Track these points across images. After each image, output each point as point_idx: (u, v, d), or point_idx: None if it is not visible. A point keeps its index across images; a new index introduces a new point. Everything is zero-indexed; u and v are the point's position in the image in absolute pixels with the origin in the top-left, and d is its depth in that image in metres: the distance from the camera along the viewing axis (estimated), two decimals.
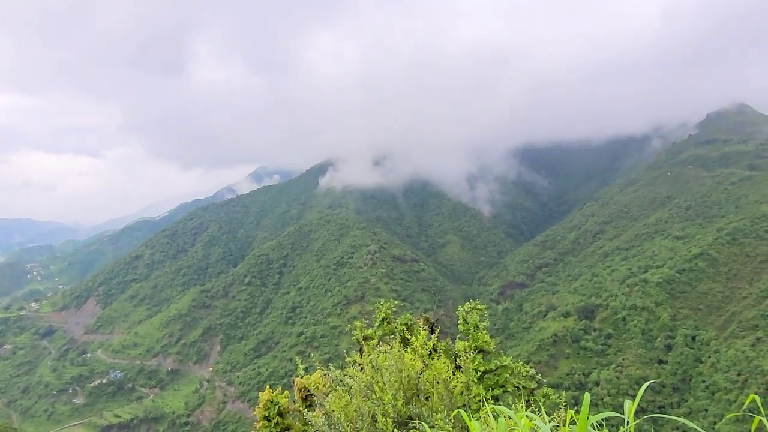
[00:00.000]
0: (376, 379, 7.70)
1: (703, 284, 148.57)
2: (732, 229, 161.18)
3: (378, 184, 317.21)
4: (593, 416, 2.89)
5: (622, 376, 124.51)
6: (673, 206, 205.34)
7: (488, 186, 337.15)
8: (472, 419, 3.07)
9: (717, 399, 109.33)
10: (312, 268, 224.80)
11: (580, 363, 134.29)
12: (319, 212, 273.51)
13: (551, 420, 7.06)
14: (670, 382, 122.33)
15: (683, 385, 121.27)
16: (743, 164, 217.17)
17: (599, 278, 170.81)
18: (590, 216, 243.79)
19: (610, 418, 2.85)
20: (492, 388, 13.00)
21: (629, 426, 2.83)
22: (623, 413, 2.92)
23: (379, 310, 14.90)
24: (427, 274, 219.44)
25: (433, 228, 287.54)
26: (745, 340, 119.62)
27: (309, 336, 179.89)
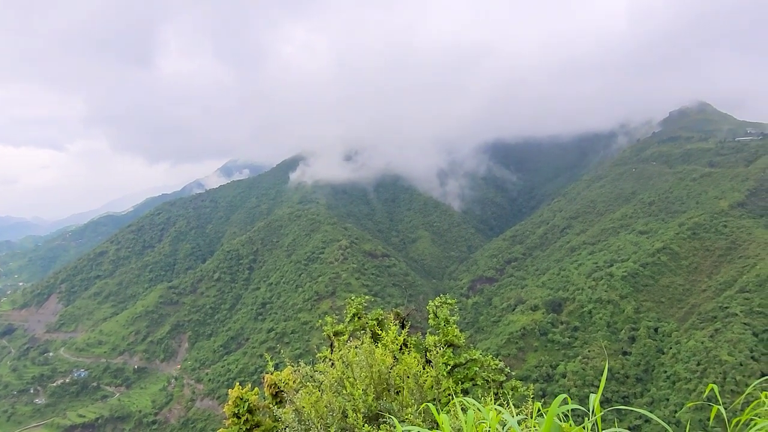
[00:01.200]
0: (346, 374, 7.69)
1: (665, 278, 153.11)
2: (693, 224, 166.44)
3: (349, 179, 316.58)
4: (559, 408, 2.92)
5: (588, 368, 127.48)
6: (637, 202, 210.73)
7: (459, 181, 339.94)
8: (441, 413, 3.18)
9: (678, 388, 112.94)
10: (282, 263, 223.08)
11: (548, 355, 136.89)
12: (289, 207, 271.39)
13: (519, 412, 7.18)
14: (634, 372, 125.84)
15: (646, 375, 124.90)
16: (704, 161, 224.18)
17: (566, 272, 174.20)
18: (558, 211, 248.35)
19: (575, 410, 3.07)
20: (462, 382, 13.12)
21: (595, 417, 2.88)
22: (589, 404, 3.00)
23: (350, 306, 14.87)
24: (398, 269, 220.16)
25: (404, 223, 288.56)
26: (704, 331, 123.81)
27: (279, 332, 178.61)
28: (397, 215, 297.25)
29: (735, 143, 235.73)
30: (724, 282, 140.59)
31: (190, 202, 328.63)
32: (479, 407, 2.99)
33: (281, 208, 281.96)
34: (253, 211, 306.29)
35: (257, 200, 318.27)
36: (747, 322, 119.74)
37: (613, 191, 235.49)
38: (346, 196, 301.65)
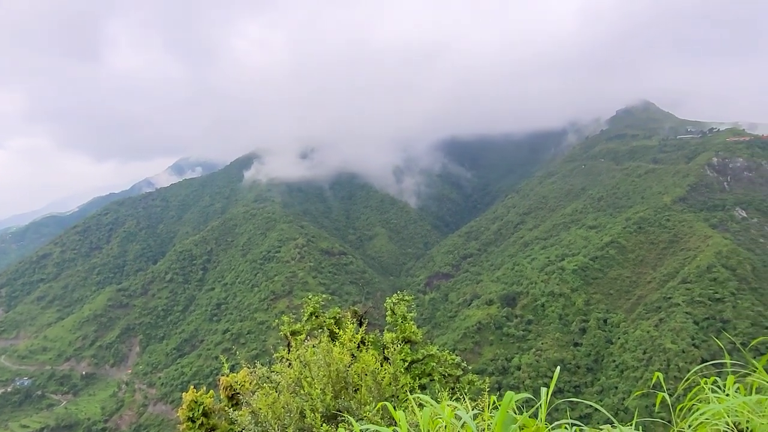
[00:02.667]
0: (304, 374, 7.62)
1: (613, 270, 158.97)
2: (638, 219, 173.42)
3: (305, 177, 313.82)
4: (512, 399, 2.98)
5: (542, 360, 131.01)
6: (587, 197, 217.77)
7: (414, 178, 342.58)
8: (399, 410, 3.23)
9: (626, 377, 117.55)
10: (238, 263, 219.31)
11: (503, 349, 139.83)
12: (244, 206, 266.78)
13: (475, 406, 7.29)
14: (585, 363, 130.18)
15: (596, 365, 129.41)
16: (648, 158, 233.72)
17: (520, 267, 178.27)
18: (512, 207, 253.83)
19: (530, 401, 3.14)
20: (419, 377, 13.23)
21: (542, 409, 2.98)
22: (541, 396, 3.08)
23: (307, 305, 14.76)
24: (355, 266, 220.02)
25: (361, 221, 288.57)
26: (650, 321, 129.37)
27: (235, 333, 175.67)
28: (354, 213, 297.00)
29: (676, 141, 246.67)
30: (668, 273, 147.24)
31: (140, 201, 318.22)
32: (434, 404, 3.05)
33: (236, 206, 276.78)
34: (206, 210, 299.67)
35: (210, 199, 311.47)
36: (688, 311, 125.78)
37: (564, 187, 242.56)
38: (302, 194, 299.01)
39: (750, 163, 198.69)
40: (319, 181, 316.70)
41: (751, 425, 2.97)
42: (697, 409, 3.31)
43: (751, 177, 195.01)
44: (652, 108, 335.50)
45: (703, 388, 3.51)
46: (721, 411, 3.08)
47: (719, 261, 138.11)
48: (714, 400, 3.23)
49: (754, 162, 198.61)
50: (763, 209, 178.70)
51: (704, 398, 3.47)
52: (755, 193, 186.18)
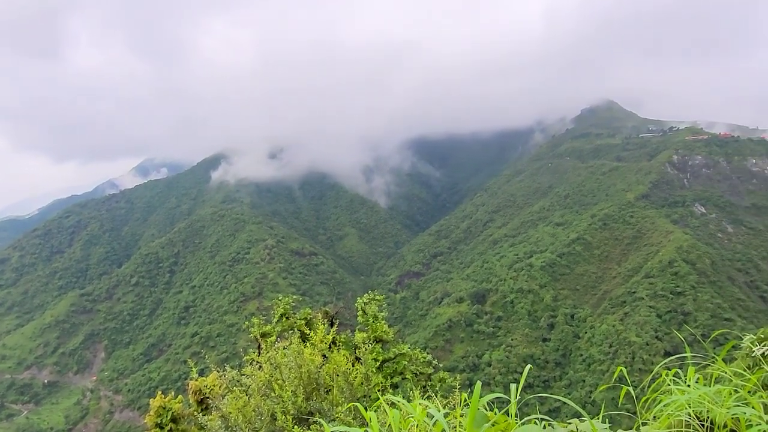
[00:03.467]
0: (275, 376, 7.54)
1: (580, 266, 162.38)
2: (603, 215, 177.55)
3: (274, 177, 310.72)
4: (483, 398, 3.05)
5: (512, 356, 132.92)
6: (553, 195, 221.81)
7: (384, 178, 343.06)
8: (370, 410, 3.25)
9: (592, 370, 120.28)
10: (206, 265, 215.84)
11: (474, 346, 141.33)
12: (212, 207, 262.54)
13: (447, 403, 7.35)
14: (553, 357, 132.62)
15: (564, 359, 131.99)
16: (612, 156, 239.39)
17: (489, 264, 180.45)
18: (480, 206, 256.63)
19: (501, 397, 3.20)
20: (391, 376, 13.27)
21: (512, 404, 3.03)
22: (511, 391, 3.14)
23: (277, 306, 14.63)
24: (326, 267, 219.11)
25: (331, 221, 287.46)
26: (615, 315, 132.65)
27: (204, 336, 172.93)
28: (324, 213, 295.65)
29: (639, 139, 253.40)
30: (632, 268, 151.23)
31: (103, 203, 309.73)
32: (405, 403, 3.09)
33: (203, 208, 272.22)
34: (172, 211, 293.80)
35: (177, 200, 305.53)
36: (652, 305, 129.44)
37: (531, 185, 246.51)
38: (271, 194, 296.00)
39: (708, 160, 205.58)
40: (289, 181, 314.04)
41: (711, 414, 3.12)
42: (660, 401, 3.44)
43: (709, 174, 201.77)
44: (615, 107, 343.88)
45: (665, 381, 3.60)
46: (683, 402, 3.22)
47: (680, 256, 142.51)
48: (676, 392, 3.37)
49: (711, 159, 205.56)
50: (720, 205, 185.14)
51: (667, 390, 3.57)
52: (713, 190, 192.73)
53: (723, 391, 3.25)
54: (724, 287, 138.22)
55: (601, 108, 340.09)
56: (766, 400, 3.41)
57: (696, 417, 3.26)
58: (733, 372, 3.67)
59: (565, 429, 3.41)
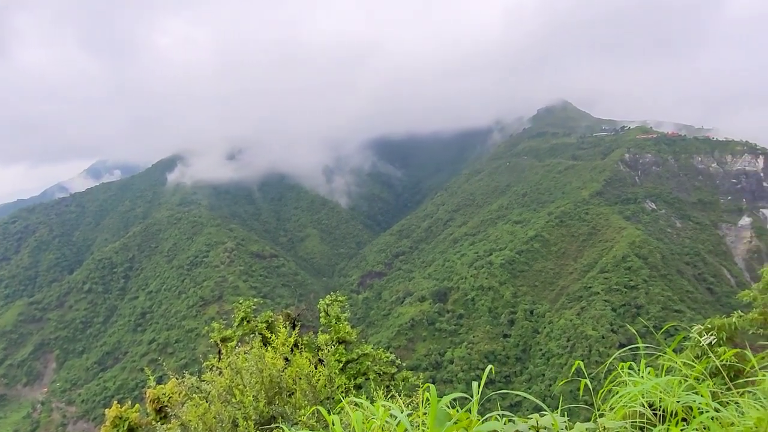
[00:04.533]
0: (235, 382, 7.41)
1: (538, 263, 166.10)
2: (560, 213, 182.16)
3: (232, 178, 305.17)
4: (445, 397, 3.11)
5: (473, 353, 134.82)
6: (512, 194, 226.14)
7: (345, 178, 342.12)
8: (334, 412, 3.26)
9: (552, 364, 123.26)
10: (163, 269, 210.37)
11: (436, 344, 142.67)
12: (168, 210, 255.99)
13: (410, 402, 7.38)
14: (514, 353, 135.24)
15: (524, 354, 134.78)
16: (567, 155, 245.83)
17: (450, 263, 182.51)
18: (441, 205, 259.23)
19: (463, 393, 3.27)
20: (355, 377, 13.27)
21: (473, 402, 3.11)
22: (473, 388, 3.22)
23: (238, 310, 14.44)
24: (287, 269, 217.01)
25: (291, 222, 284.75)
26: (572, 310, 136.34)
27: (162, 342, 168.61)
28: (285, 214, 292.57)
29: (593, 138, 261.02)
30: (587, 264, 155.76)
31: (53, 207, 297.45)
32: (367, 404, 3.11)
33: (159, 211, 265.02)
34: (126, 215, 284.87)
35: (131, 203, 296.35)
36: (607, 299, 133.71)
37: (490, 184, 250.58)
38: (229, 196, 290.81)
39: (657, 158, 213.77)
40: (248, 182, 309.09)
41: (663, 404, 3.30)
42: (615, 393, 3.58)
43: (658, 171, 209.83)
44: (570, 107, 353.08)
45: (620, 373, 3.76)
46: (637, 393, 3.38)
47: (633, 251, 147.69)
48: (630, 384, 3.53)
49: (661, 158, 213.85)
50: (669, 201, 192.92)
51: (622, 382, 3.69)
52: (663, 187, 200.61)
53: (673, 381, 3.40)
54: (673, 280, 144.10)
55: (556, 108, 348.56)
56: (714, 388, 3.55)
57: (649, 406, 3.39)
58: (683, 362, 3.81)
59: (526, 424, 3.47)
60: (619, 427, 3.46)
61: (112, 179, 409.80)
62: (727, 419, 2.98)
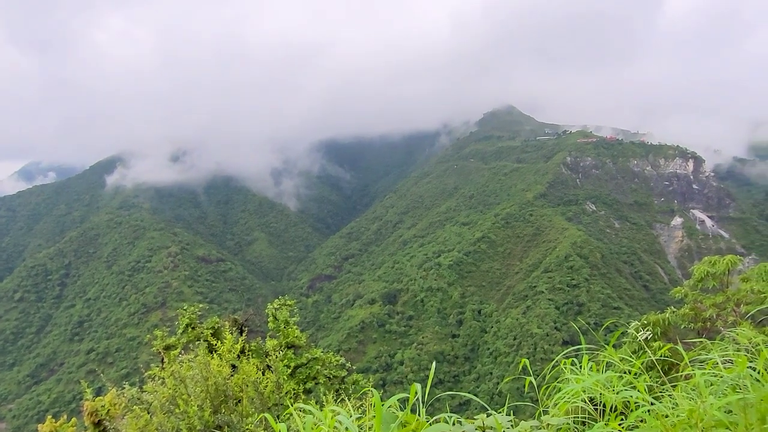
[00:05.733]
0: (179, 391, 7.16)
1: (485, 264, 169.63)
2: (506, 215, 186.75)
3: (176, 181, 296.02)
4: (391, 399, 3.14)
5: (423, 353, 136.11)
6: (459, 196, 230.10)
7: (294, 181, 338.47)
8: (283, 419, 3.28)
9: (499, 362, 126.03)
10: (102, 276, 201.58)
11: (387, 345, 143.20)
12: (107, 214, 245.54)
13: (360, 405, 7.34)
14: (462, 352, 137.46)
15: (473, 354, 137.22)
16: (512, 158, 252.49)
17: (400, 265, 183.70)
18: (390, 207, 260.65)
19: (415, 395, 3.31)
20: (305, 382, 13.13)
21: (420, 404, 3.15)
22: (419, 390, 3.25)
23: (182, 316, 14.01)
24: (234, 273, 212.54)
25: (239, 225, 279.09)
26: (518, 309, 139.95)
27: (101, 352, 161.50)
28: (231, 217, 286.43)
29: (536, 142, 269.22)
30: (532, 264, 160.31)
31: None
32: (314, 410, 3.12)
33: (98, 215, 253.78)
34: (62, 219, 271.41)
35: (67, 207, 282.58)
36: (551, 297, 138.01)
37: (438, 186, 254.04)
38: (173, 199, 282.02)
39: (597, 161, 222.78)
40: (192, 185, 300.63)
41: (603, 399, 3.43)
42: (559, 390, 3.67)
43: (598, 174, 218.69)
44: (514, 111, 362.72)
45: (563, 370, 3.90)
46: (579, 390, 3.48)
47: (574, 250, 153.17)
48: (573, 381, 3.65)
49: (600, 161, 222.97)
50: (608, 203, 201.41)
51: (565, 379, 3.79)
52: (602, 189, 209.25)
53: (613, 378, 3.54)
54: (612, 278, 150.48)
55: (501, 112, 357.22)
56: (650, 382, 3.69)
57: (591, 401, 3.50)
58: (620, 358, 3.95)
59: (472, 425, 3.51)
60: (562, 423, 3.54)
61: (47, 182, 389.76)
62: (662, 412, 3.10)
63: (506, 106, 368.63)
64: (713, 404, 2.94)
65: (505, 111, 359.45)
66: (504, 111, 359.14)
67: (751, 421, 2.85)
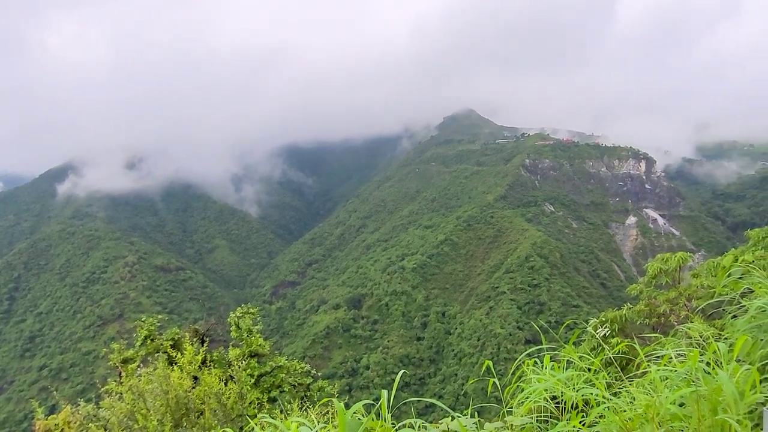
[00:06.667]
0: (138, 406, 6.93)
1: (448, 266, 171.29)
2: (467, 217, 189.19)
3: (132, 189, 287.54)
4: (355, 405, 3.16)
5: (389, 357, 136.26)
6: (421, 199, 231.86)
7: (254, 187, 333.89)
8: (246, 430, 3.27)
9: (464, 363, 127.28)
10: (54, 288, 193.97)
11: (352, 350, 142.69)
12: (59, 224, 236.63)
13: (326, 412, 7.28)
14: (428, 355, 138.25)
15: (438, 356, 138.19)
16: (473, 161, 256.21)
17: (364, 269, 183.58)
18: (353, 212, 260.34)
19: (378, 397, 3.31)
20: (269, 391, 12.93)
21: (384, 410, 3.15)
22: (391, 389, 3.35)
23: (140, 328, 13.58)
24: (195, 282, 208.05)
25: (199, 233, 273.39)
26: (482, 310, 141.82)
27: (55, 368, 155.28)
28: (191, 225, 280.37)
29: (496, 145, 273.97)
30: (494, 265, 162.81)
31: None
32: (277, 423, 3.09)
33: (49, 225, 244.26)
34: (10, 230, 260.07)
35: (16, 217, 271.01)
36: (513, 297, 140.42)
37: (400, 190, 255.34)
38: (129, 207, 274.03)
39: (554, 163, 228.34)
40: (150, 192, 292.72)
41: (564, 397, 3.54)
42: (522, 389, 3.75)
43: (556, 176, 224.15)
44: (474, 115, 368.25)
45: (526, 370, 4.02)
46: (541, 389, 3.58)
47: (535, 251, 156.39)
48: (535, 380, 3.73)
49: (557, 163, 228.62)
50: (566, 203, 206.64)
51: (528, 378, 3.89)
52: (560, 190, 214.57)
53: (573, 376, 3.66)
54: (571, 277, 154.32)
55: (461, 116, 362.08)
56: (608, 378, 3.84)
57: (553, 400, 3.61)
58: (579, 356, 4.04)
59: (437, 429, 3.54)
60: (526, 423, 3.62)
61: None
62: (621, 407, 3.21)
63: (466, 110, 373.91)
64: (668, 398, 3.05)
65: (465, 115, 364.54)
66: (463, 115, 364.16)
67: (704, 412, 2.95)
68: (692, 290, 12.63)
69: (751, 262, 5.82)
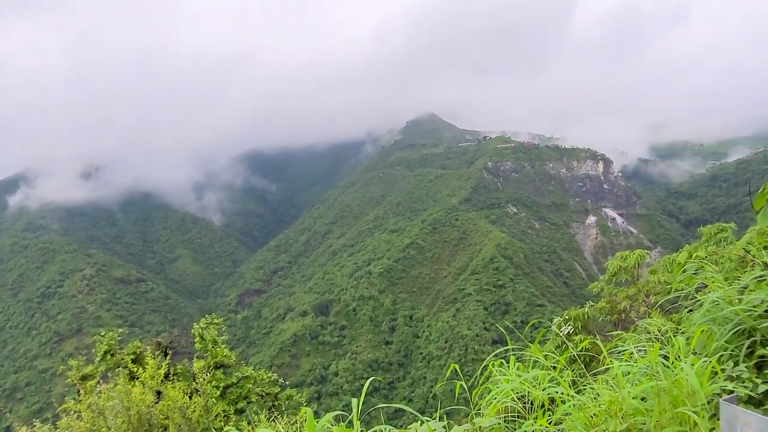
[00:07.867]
0: (98, 425, 6.69)
1: (414, 269, 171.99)
2: (432, 220, 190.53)
3: (89, 199, 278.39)
4: (327, 415, 3.19)
5: (357, 363, 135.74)
6: (387, 203, 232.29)
7: (216, 194, 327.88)
8: None
9: (432, 366, 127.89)
10: (7, 304, 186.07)
11: (320, 357, 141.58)
12: (11, 237, 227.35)
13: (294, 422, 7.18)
14: (396, 359, 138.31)
15: (406, 359, 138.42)
16: (436, 164, 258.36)
17: (331, 275, 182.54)
18: (318, 218, 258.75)
19: (348, 403, 3.34)
20: (236, 402, 12.70)
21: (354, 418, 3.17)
22: (359, 397, 3.35)
23: (100, 343, 13.15)
24: (156, 293, 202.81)
25: (160, 243, 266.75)
26: (449, 312, 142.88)
27: (9, 388, 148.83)
28: (152, 235, 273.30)
29: (458, 148, 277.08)
30: (460, 267, 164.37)
31: None
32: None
33: (0, 239, 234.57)
34: None
35: None
36: (479, 299, 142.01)
37: (365, 195, 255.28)
38: (86, 218, 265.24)
39: (516, 165, 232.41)
40: (107, 203, 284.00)
41: (531, 396, 3.61)
42: (490, 390, 3.80)
43: (517, 177, 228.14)
44: (436, 119, 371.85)
45: (493, 371, 4.10)
46: (508, 390, 3.65)
47: (499, 252, 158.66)
48: (501, 381, 3.81)
49: (519, 165, 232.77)
50: (528, 205, 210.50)
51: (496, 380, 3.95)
52: (522, 192, 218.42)
53: (539, 376, 3.73)
54: (535, 277, 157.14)
55: (424, 120, 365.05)
56: (573, 375, 3.93)
57: (520, 400, 3.67)
58: (545, 354, 4.14)
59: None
60: (494, 424, 3.65)
61: None
62: (585, 404, 3.31)
63: (428, 114, 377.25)
64: (630, 393, 3.16)
65: (428, 119, 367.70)
66: (426, 119, 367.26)
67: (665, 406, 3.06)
68: (650, 286, 13.03)
69: (704, 258, 6.04)
